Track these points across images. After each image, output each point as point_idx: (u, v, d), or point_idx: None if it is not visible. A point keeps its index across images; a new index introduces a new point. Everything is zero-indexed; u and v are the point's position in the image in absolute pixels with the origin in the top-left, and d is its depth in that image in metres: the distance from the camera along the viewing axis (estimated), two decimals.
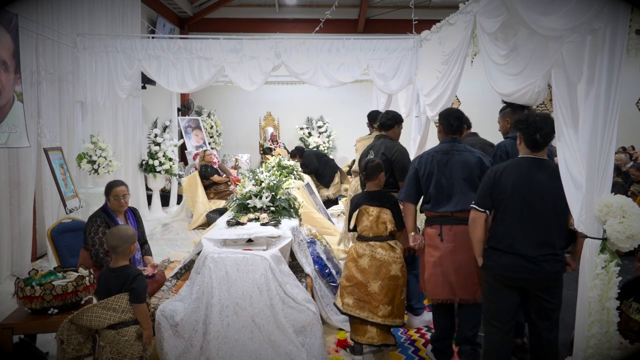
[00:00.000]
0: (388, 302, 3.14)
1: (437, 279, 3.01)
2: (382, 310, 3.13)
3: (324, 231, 5.69)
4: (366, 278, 3.16)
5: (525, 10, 2.62)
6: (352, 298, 3.20)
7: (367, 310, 3.15)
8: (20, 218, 5.03)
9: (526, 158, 2.60)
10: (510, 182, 2.55)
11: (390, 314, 3.15)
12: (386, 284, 3.14)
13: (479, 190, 2.71)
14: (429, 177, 3.07)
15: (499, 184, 2.58)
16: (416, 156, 3.23)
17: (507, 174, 2.58)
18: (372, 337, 3.16)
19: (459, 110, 3.29)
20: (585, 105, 2.37)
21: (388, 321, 3.15)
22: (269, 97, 11.72)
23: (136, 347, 2.53)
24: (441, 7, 10.36)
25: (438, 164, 3.06)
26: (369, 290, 3.15)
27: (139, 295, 2.53)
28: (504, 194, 2.56)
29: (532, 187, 2.52)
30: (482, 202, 2.63)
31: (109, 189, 3.48)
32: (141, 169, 8.01)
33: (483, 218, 2.63)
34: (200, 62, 6.17)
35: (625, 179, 6.38)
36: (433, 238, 3.05)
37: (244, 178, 4.35)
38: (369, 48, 6.15)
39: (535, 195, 2.52)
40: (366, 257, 3.18)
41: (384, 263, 3.15)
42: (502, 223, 2.58)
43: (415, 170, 3.14)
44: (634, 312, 2.79)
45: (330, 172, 8.19)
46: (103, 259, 3.32)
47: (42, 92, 5.30)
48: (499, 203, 2.59)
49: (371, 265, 3.16)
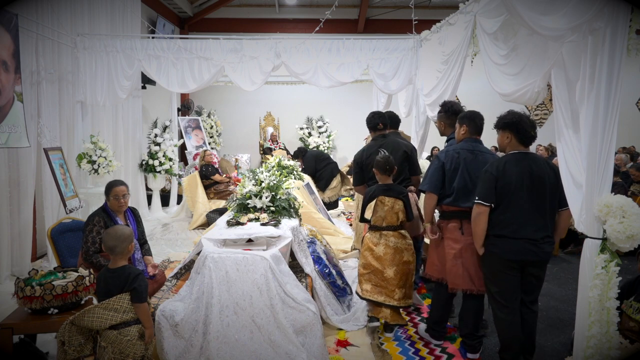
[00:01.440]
0: (402, 286, 3.44)
1: (458, 269, 3.17)
2: (397, 294, 3.43)
3: (324, 231, 5.69)
4: (382, 265, 3.43)
5: (526, 10, 2.62)
6: (370, 284, 3.48)
7: (385, 295, 3.44)
8: (20, 218, 5.03)
9: (520, 153, 2.86)
10: (513, 175, 2.78)
11: (405, 296, 3.46)
12: (400, 269, 3.42)
13: (481, 186, 2.87)
14: (454, 172, 3.19)
15: (503, 178, 2.79)
16: (440, 151, 3.39)
17: (509, 168, 2.80)
18: (385, 316, 3.47)
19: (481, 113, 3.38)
20: (585, 105, 2.37)
21: (402, 303, 3.45)
22: (269, 97, 11.72)
23: (138, 347, 2.53)
24: (441, 7, 10.37)
25: (464, 161, 3.19)
26: (385, 276, 3.43)
27: (140, 294, 2.53)
28: (508, 186, 2.78)
29: (532, 178, 2.78)
30: (487, 197, 2.81)
31: (109, 188, 3.48)
32: (141, 169, 8.01)
33: (487, 211, 2.83)
34: (200, 62, 6.17)
35: (625, 179, 6.38)
36: (454, 232, 3.21)
37: (244, 178, 4.35)
38: (369, 48, 6.15)
39: (534, 185, 2.78)
40: (381, 245, 3.44)
41: (398, 250, 3.43)
42: (507, 212, 2.79)
43: (442, 164, 3.23)
44: (634, 312, 2.79)
45: (328, 176, 8.13)
46: (92, 256, 3.31)
47: (42, 92, 5.30)
48: (503, 195, 2.79)
49: (386, 252, 3.43)
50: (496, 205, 2.82)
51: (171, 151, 8.28)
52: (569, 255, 5.82)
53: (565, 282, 4.81)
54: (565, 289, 4.60)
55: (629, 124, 10.64)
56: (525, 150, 2.87)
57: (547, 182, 2.78)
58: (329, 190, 8.12)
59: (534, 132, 2.84)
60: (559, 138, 2.67)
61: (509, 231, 2.78)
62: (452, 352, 3.27)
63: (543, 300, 4.29)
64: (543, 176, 2.79)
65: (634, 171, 6.42)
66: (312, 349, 3.05)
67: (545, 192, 2.79)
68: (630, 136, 10.46)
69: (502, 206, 2.80)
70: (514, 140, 2.87)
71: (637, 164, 6.64)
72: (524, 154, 2.85)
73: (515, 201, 2.78)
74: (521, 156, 2.84)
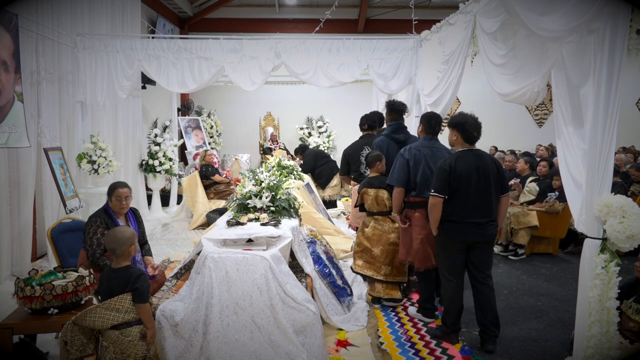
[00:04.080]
0: (388, 263, 3.98)
1: (426, 251, 3.69)
2: (383, 270, 3.98)
3: (324, 231, 5.69)
4: (371, 244, 4.00)
5: (524, 10, 2.62)
6: (361, 260, 4.08)
7: (372, 270, 4.01)
8: (20, 218, 5.03)
9: (467, 150, 3.30)
10: (462, 170, 3.22)
11: (391, 273, 3.98)
12: (386, 249, 3.97)
13: (435, 180, 3.31)
14: (417, 167, 3.69)
15: (454, 173, 3.22)
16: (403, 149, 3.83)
17: (459, 165, 3.23)
18: (379, 291, 4.00)
19: (439, 115, 3.99)
20: (585, 105, 2.37)
21: (390, 278, 3.98)
22: (269, 97, 11.72)
23: (140, 347, 2.53)
24: (441, 7, 10.36)
25: (425, 157, 3.71)
26: (373, 254, 4.00)
27: (142, 295, 2.53)
28: (459, 181, 3.21)
29: (478, 171, 3.22)
30: (442, 190, 3.25)
31: (112, 189, 3.48)
32: (141, 169, 8.01)
33: (442, 202, 3.28)
34: (200, 62, 6.17)
35: (625, 179, 6.38)
36: (420, 219, 3.68)
37: (244, 178, 4.35)
38: (369, 48, 6.15)
39: (480, 177, 3.22)
40: (370, 227, 4.03)
41: (385, 232, 3.99)
42: (458, 202, 3.24)
43: (406, 160, 3.71)
44: (634, 313, 2.78)
45: (328, 174, 8.14)
46: (99, 259, 3.31)
47: (42, 92, 5.30)
48: (455, 188, 3.23)
49: (374, 234, 4.00)
50: (449, 196, 3.25)
51: (171, 151, 8.28)
52: (569, 255, 5.82)
53: (565, 282, 4.81)
54: (565, 289, 4.60)
55: (629, 124, 10.63)
56: (471, 148, 3.31)
57: (491, 175, 3.24)
58: (330, 189, 8.13)
59: (476, 132, 3.27)
60: (559, 138, 2.68)
61: (458, 217, 3.25)
62: (452, 354, 3.27)
63: (543, 300, 4.29)
64: (487, 169, 3.23)
65: (634, 171, 6.42)
66: (312, 349, 3.04)
67: (490, 183, 3.23)
68: (630, 136, 10.46)
69: (454, 196, 3.24)
70: (459, 138, 3.31)
71: (637, 164, 6.64)
72: (469, 150, 3.29)
73: (464, 192, 3.22)
74: (468, 153, 3.28)
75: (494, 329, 3.31)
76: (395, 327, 3.70)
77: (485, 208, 3.24)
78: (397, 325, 3.73)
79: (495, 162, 3.32)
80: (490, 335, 3.31)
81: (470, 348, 3.33)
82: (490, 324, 3.31)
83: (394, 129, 4.39)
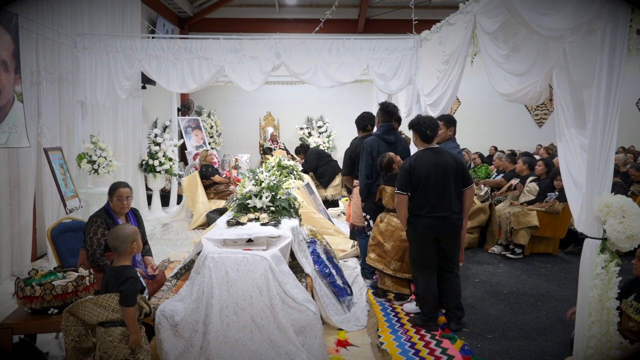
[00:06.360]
0: (399, 259, 4.07)
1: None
2: (393, 265, 4.08)
3: (324, 231, 5.69)
4: (383, 239, 4.11)
5: (525, 10, 2.62)
6: (374, 254, 4.17)
7: (383, 264, 4.12)
8: (20, 218, 5.02)
9: (425, 149, 3.57)
10: (422, 167, 3.46)
11: (400, 269, 4.08)
12: (397, 245, 4.06)
13: (399, 179, 3.57)
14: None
15: (414, 172, 3.48)
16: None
17: (418, 164, 3.48)
18: (388, 285, 4.15)
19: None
20: (588, 106, 2.37)
21: (398, 274, 4.08)
22: (269, 97, 11.72)
23: (120, 349, 2.48)
24: (441, 7, 10.36)
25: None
26: (384, 249, 4.10)
27: (126, 298, 2.51)
28: (419, 178, 3.47)
29: (437, 168, 3.46)
30: (405, 187, 3.53)
31: (113, 189, 3.48)
32: (141, 169, 8.01)
33: (407, 199, 3.55)
34: (200, 62, 6.17)
35: (625, 179, 6.38)
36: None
37: (244, 178, 4.35)
38: (369, 48, 6.15)
39: (440, 174, 3.46)
40: (385, 222, 4.14)
41: (397, 229, 4.05)
42: (422, 198, 3.50)
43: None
44: (634, 312, 2.78)
45: (330, 173, 8.15)
46: (99, 259, 3.31)
47: (42, 92, 5.29)
48: (417, 185, 3.49)
49: (387, 229, 4.11)
50: (412, 192, 3.52)
51: (171, 151, 8.28)
52: (569, 255, 5.82)
53: (565, 282, 4.81)
54: (565, 289, 4.60)
55: (629, 124, 10.63)
56: (429, 146, 3.57)
57: (450, 170, 3.47)
58: (332, 188, 8.13)
59: (430, 132, 3.53)
60: (559, 138, 2.67)
61: (423, 211, 3.50)
62: (452, 354, 3.27)
63: (543, 300, 4.29)
64: (446, 165, 3.47)
65: (634, 171, 6.43)
66: (312, 349, 3.04)
67: (449, 178, 3.47)
68: (630, 136, 10.46)
69: (417, 193, 3.50)
70: (418, 138, 3.59)
71: (637, 164, 6.64)
72: (428, 149, 3.56)
73: (425, 188, 3.47)
74: (427, 151, 3.54)
75: (456, 312, 3.63)
76: (395, 327, 3.70)
77: (446, 202, 3.48)
78: (397, 325, 3.73)
79: (455, 158, 3.55)
80: (453, 317, 3.63)
81: (470, 348, 3.33)
82: (454, 307, 3.63)
83: (386, 130, 4.44)
